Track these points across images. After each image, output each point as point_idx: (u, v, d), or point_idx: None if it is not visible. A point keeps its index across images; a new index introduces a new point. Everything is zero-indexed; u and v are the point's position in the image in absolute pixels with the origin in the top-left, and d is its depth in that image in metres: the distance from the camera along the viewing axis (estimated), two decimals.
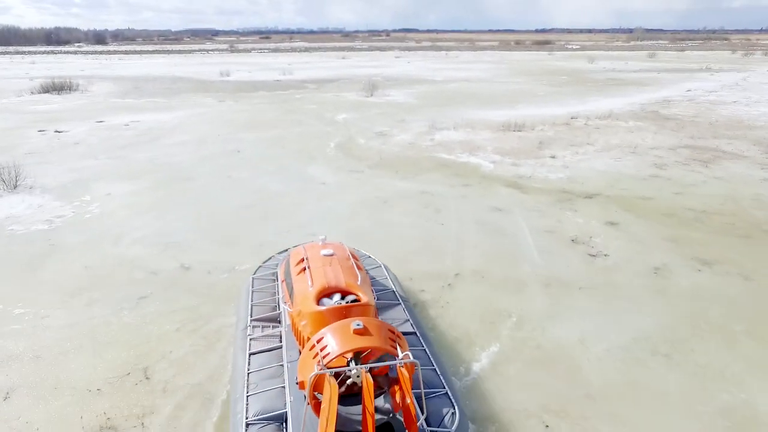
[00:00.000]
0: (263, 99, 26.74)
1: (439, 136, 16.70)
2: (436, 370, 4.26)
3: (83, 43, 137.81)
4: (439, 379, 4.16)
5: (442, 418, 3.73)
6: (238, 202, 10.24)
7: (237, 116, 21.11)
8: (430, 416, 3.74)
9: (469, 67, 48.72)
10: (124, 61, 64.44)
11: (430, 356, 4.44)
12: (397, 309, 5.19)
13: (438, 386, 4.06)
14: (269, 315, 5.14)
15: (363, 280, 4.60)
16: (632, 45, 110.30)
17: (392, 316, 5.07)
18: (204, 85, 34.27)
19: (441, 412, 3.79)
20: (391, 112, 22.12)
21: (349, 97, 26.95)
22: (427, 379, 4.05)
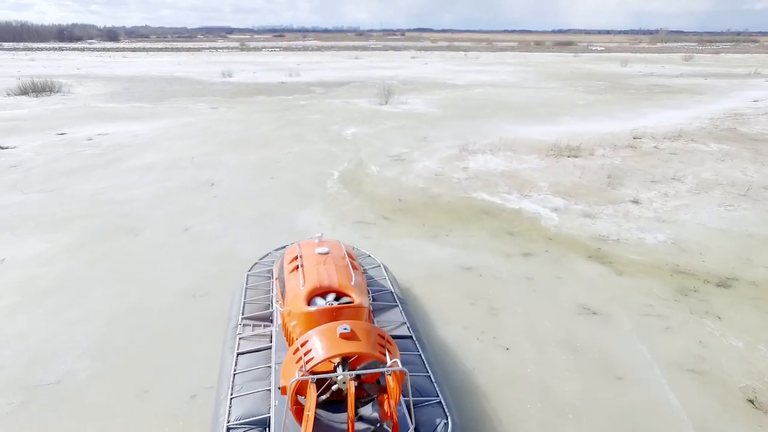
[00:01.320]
0: (262, 106, 23.27)
1: (474, 162, 13.03)
2: (431, 377, 4.02)
3: (96, 40, 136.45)
4: (432, 386, 3.91)
5: (434, 429, 3.48)
6: (184, 284, 6.70)
7: (227, 128, 17.66)
8: (421, 426, 3.49)
9: (492, 70, 44.83)
10: (128, 59, 61.70)
11: (425, 362, 4.19)
12: (394, 311, 4.96)
13: (431, 394, 3.82)
14: (261, 314, 4.89)
15: (357, 281, 4.41)
16: (659, 47, 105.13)
17: (388, 318, 4.84)
18: (201, 87, 30.97)
19: (433, 421, 3.55)
20: (410, 125, 18.48)
21: (360, 105, 23.37)
22: (420, 387, 3.86)
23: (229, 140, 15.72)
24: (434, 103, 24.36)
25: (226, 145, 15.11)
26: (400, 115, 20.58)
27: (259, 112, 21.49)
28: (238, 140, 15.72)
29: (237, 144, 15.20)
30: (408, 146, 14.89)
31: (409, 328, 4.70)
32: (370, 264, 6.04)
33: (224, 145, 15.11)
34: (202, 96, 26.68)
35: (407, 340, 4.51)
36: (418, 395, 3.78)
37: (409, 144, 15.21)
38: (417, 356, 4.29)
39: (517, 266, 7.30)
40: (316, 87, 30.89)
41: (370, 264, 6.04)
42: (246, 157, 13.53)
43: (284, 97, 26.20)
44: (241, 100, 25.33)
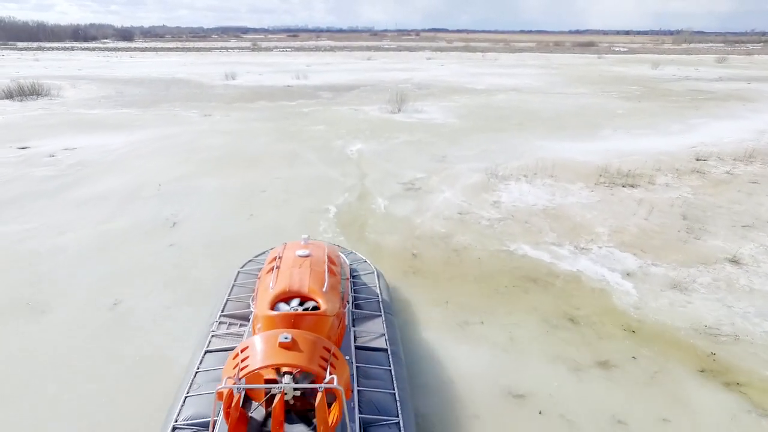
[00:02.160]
0: (260, 114, 20.89)
1: (507, 194, 10.42)
2: (395, 395, 3.79)
3: (110, 40, 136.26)
4: (395, 405, 3.69)
5: None
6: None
7: (214, 142, 15.30)
8: None
9: (513, 72, 41.98)
10: (136, 59, 60.10)
11: (394, 379, 3.99)
12: (376, 321, 4.76)
13: (391, 414, 3.60)
14: (241, 312, 4.74)
15: (331, 287, 4.33)
16: (685, 48, 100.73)
17: (369, 328, 4.64)
18: (199, 91, 28.76)
19: None
20: (426, 139, 15.91)
21: (369, 114, 20.85)
22: (381, 404, 3.65)
23: (213, 158, 13.33)
24: (453, 111, 21.74)
25: (208, 164, 12.72)
26: (414, 127, 18.01)
27: (256, 121, 19.11)
28: (223, 158, 13.32)
29: (220, 163, 12.80)
30: (424, 169, 12.32)
31: (386, 340, 4.48)
32: (364, 270, 5.80)
33: (205, 164, 12.72)
34: (198, 101, 24.41)
35: (382, 352, 4.31)
36: (377, 413, 3.57)
37: (425, 166, 12.64)
38: (386, 371, 4.08)
39: (595, 392, 4.70)
40: (324, 91, 28.46)
41: (364, 270, 5.80)
42: (226, 183, 11.11)
43: (287, 104, 23.80)
44: (238, 106, 22.99)
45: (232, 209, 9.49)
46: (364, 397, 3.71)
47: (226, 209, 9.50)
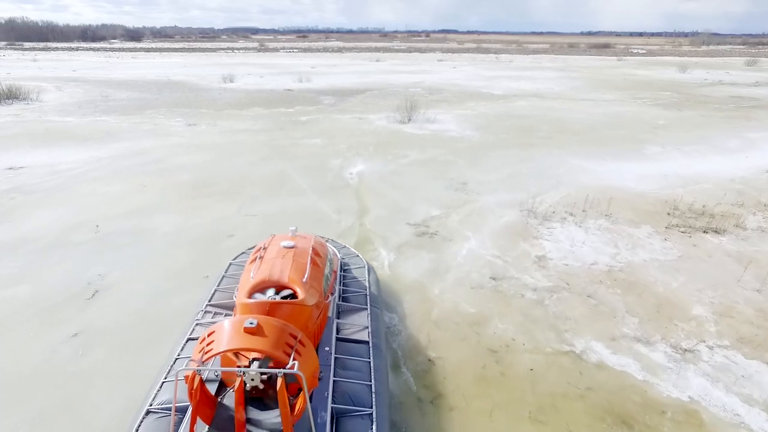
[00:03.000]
0: (252, 123, 18.46)
1: (554, 244, 7.83)
2: (371, 387, 3.82)
3: (118, 40, 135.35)
4: (370, 397, 3.72)
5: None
6: None
7: (190, 161, 12.89)
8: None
9: (531, 76, 39.23)
10: (137, 59, 58.20)
11: (372, 370, 4.03)
12: (361, 314, 4.80)
13: (365, 405, 3.63)
14: (227, 302, 4.79)
15: (312, 278, 4.29)
16: (706, 51, 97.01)
17: (353, 320, 4.69)
18: (192, 95, 26.44)
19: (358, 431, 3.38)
20: (442, 158, 13.36)
21: (375, 123, 18.32)
22: (356, 395, 3.69)
23: (182, 183, 10.89)
24: (470, 120, 19.15)
25: (173, 192, 10.28)
26: (426, 141, 15.46)
27: (245, 132, 16.68)
28: (194, 184, 10.88)
29: (189, 191, 10.35)
30: (440, 202, 9.77)
31: (369, 333, 4.52)
32: (356, 264, 5.89)
33: (170, 192, 10.28)
34: (186, 107, 22.06)
35: (363, 345, 4.35)
36: (351, 404, 3.63)
37: (442, 197, 10.09)
38: (365, 363, 4.11)
39: None
40: (326, 96, 25.98)
41: (356, 264, 5.89)
42: (188, 222, 8.65)
43: (284, 111, 21.34)
44: (230, 113, 20.59)
45: (183, 267, 7.01)
46: (339, 388, 3.73)
47: (176, 267, 7.02)
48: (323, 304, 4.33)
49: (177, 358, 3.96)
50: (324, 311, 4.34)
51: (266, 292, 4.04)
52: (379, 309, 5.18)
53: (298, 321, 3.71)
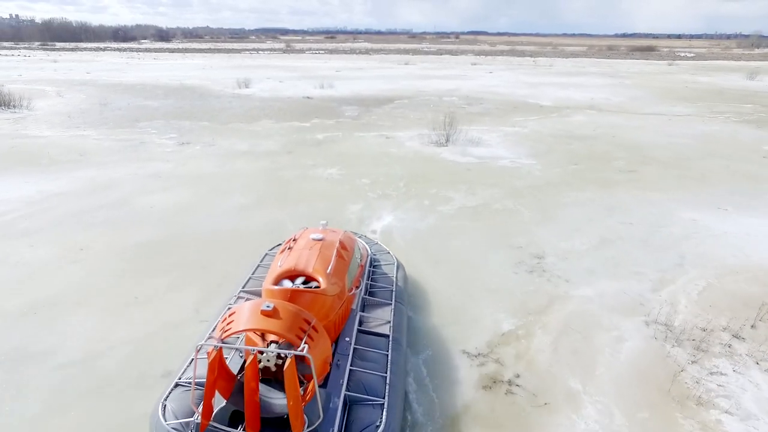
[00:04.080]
0: (256, 142, 15.29)
1: (737, 420, 4.21)
2: (386, 379, 3.97)
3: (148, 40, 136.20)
4: (383, 387, 3.87)
5: (365, 427, 3.45)
6: None
7: (162, 202, 9.77)
8: (354, 423, 3.50)
9: (579, 83, 35.07)
10: (159, 60, 56.40)
11: (389, 363, 4.17)
12: (385, 309, 4.95)
13: (379, 395, 3.79)
14: (259, 290, 4.93)
15: (336, 270, 4.47)
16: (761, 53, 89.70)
17: (377, 314, 4.83)
18: (200, 102, 23.56)
19: (369, 420, 3.52)
20: (498, 204, 9.82)
21: (406, 145, 14.89)
22: (370, 386, 3.85)
23: (134, 246, 7.71)
24: (523, 142, 15.51)
25: (113, 265, 7.09)
26: (473, 173, 11.94)
27: (246, 156, 13.51)
28: (150, 248, 7.69)
29: (138, 263, 7.15)
30: (510, 298, 6.26)
31: (390, 327, 4.63)
32: (386, 261, 6.01)
33: (109, 264, 7.10)
34: (188, 118, 19.12)
35: (383, 338, 4.48)
36: (364, 393, 3.76)
37: (511, 286, 6.56)
38: (383, 356, 4.23)
39: None
40: (349, 106, 22.68)
41: (386, 261, 6.01)
42: (109, 336, 5.43)
43: (298, 125, 18.13)
44: (234, 128, 17.50)
45: None
46: (354, 377, 3.89)
47: None
48: (346, 296, 4.50)
49: (209, 337, 4.06)
50: (347, 303, 4.52)
51: (295, 280, 4.24)
52: (404, 305, 5.27)
53: (318, 309, 3.90)
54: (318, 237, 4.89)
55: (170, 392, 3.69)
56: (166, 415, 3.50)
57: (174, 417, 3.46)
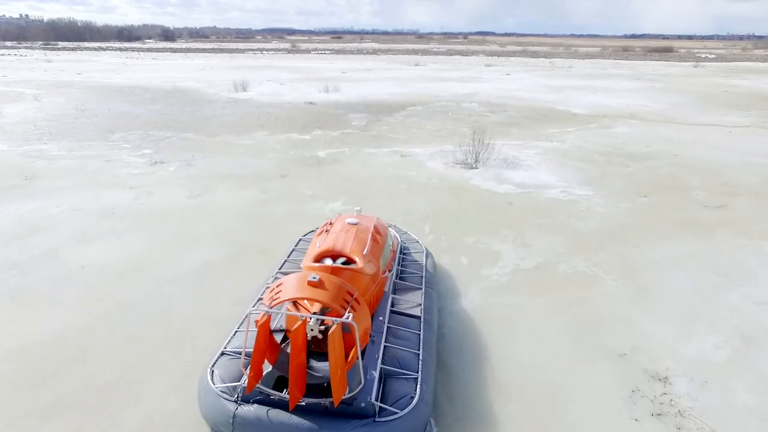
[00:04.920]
0: (244, 161, 12.65)
1: None
2: (419, 356, 4.16)
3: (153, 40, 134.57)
4: (416, 363, 4.06)
5: (399, 399, 3.65)
6: None
7: (93, 262, 7.14)
8: (389, 395, 3.69)
9: (605, 86, 32.17)
10: (157, 61, 54.05)
11: (421, 342, 4.36)
12: (416, 293, 5.17)
13: (412, 370, 3.98)
14: (295, 271, 5.18)
15: (371, 252, 4.68)
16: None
17: (408, 297, 5.07)
18: (189, 109, 20.98)
19: (403, 392, 3.72)
20: (564, 265, 7.07)
21: (426, 167, 12.17)
22: (404, 361, 4.04)
23: (24, 350, 5.05)
24: (567, 162, 12.75)
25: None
26: (517, 210, 9.21)
27: (228, 181, 10.85)
28: (47, 360, 5.03)
29: (15, 395, 4.48)
30: None
31: (421, 309, 4.84)
32: (415, 249, 6.26)
33: None
34: (170, 129, 16.52)
35: (415, 319, 4.69)
36: (399, 367, 3.96)
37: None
38: (415, 335, 4.43)
39: None
40: (356, 113, 20.00)
41: (415, 249, 6.26)
42: None
43: (296, 138, 15.47)
44: (222, 141, 14.88)
45: None
46: (389, 352, 4.10)
47: None
48: (380, 278, 4.73)
49: (250, 312, 3.98)
50: (381, 285, 4.75)
51: (336, 260, 4.45)
52: (434, 290, 5.49)
53: (356, 286, 3.96)
54: (353, 221, 5.15)
55: (216, 360, 3.95)
56: (214, 379, 3.75)
57: (221, 381, 3.73)
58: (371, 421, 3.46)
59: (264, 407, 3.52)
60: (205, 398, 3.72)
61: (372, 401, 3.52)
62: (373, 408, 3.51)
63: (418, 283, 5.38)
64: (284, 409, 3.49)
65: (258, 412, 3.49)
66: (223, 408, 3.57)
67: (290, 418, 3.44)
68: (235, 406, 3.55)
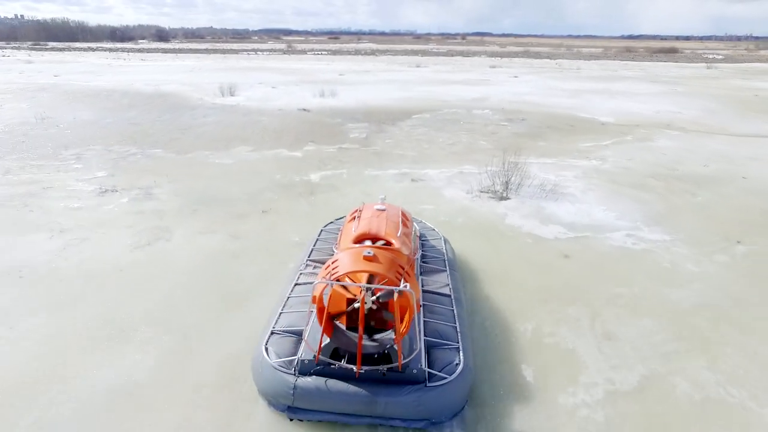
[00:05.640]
0: (217, 190, 10.14)
1: None
2: (456, 328, 4.46)
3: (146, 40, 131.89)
4: (456, 335, 4.35)
5: (446, 365, 3.94)
6: None
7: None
8: (436, 363, 3.98)
9: (623, 90, 29.77)
10: (146, 62, 51.45)
11: (455, 316, 4.65)
12: (442, 275, 5.44)
13: (453, 340, 4.27)
14: (322, 258, 5.63)
15: (404, 234, 4.96)
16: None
17: (436, 279, 5.32)
18: (166, 117, 18.48)
19: (448, 360, 4.00)
20: (675, 377, 4.59)
21: (445, 198, 9.66)
22: (444, 333, 4.33)
23: None
24: (619, 189, 10.29)
25: None
26: (577, 269, 6.74)
27: (192, 220, 8.35)
28: None
29: None
30: None
31: (450, 289, 5.15)
32: (433, 236, 6.59)
33: None
34: (137, 143, 14.01)
35: (446, 297, 4.99)
36: (441, 339, 4.27)
37: None
38: (450, 310, 4.75)
39: None
40: (356, 123, 17.52)
41: (433, 236, 6.59)
42: None
43: (285, 154, 12.98)
44: (196, 158, 12.38)
45: None
46: (429, 327, 4.38)
47: None
48: (411, 260, 4.68)
49: (289, 296, 4.76)
50: (412, 266, 4.62)
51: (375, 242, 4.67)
52: (456, 271, 5.80)
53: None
54: (381, 208, 5.49)
55: (268, 338, 4.20)
56: (270, 355, 4.00)
57: (277, 357, 3.98)
58: (423, 386, 3.76)
59: (322, 378, 3.78)
60: (262, 373, 3.94)
61: (422, 368, 3.83)
62: (423, 374, 3.81)
63: (441, 266, 5.65)
64: (340, 378, 3.77)
65: (316, 382, 3.75)
66: (283, 380, 3.79)
67: (348, 387, 3.71)
68: (294, 378, 3.77)
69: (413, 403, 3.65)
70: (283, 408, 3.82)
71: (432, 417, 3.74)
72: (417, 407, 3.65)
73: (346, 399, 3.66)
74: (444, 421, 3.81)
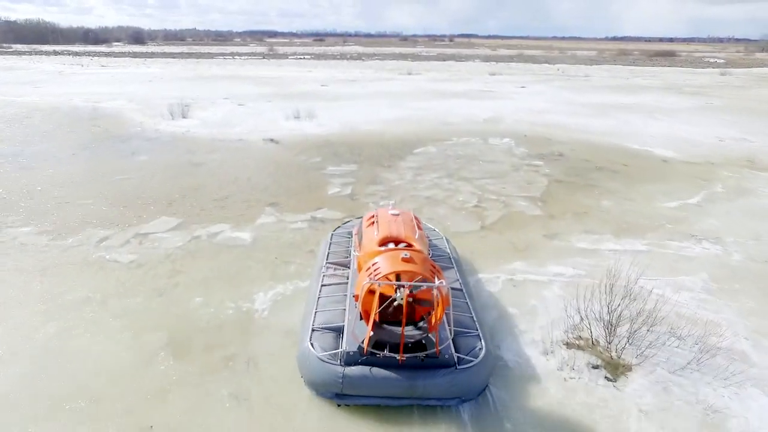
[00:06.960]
0: (76, 352, 5.25)
1: None
2: (473, 317, 4.98)
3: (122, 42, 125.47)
4: (474, 324, 4.88)
5: (471, 351, 4.49)
6: None
7: None
8: (461, 349, 4.50)
9: (655, 106, 25.41)
10: (106, 68, 46.02)
11: (470, 307, 5.18)
12: (450, 271, 5.91)
13: (472, 329, 4.79)
14: (341, 261, 6.14)
15: (420, 236, 5.45)
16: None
17: (446, 275, 5.20)
18: (84, 155, 13.51)
19: (471, 346, 4.55)
20: None
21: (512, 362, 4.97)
22: (463, 323, 4.83)
23: None
24: None
25: None
26: None
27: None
28: None
29: None
30: None
31: (460, 283, 5.66)
32: (434, 236, 7.03)
33: None
34: (14, 213, 9.07)
35: (458, 291, 5.46)
36: (461, 327, 4.75)
37: None
38: (464, 302, 5.27)
39: None
40: (339, 165, 12.74)
41: (434, 236, 7.03)
42: None
43: (224, 236, 8.09)
44: (74, 255, 7.46)
45: None
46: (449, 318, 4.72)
47: None
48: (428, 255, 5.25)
49: (319, 297, 5.18)
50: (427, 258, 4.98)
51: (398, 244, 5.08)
52: (462, 268, 6.27)
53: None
54: (396, 212, 5.88)
55: (311, 335, 4.62)
56: (316, 350, 4.42)
57: (322, 350, 4.42)
58: (454, 369, 4.32)
59: (366, 367, 4.28)
60: (310, 366, 4.39)
61: (452, 353, 4.38)
62: (453, 359, 4.35)
63: (448, 263, 6.15)
64: (383, 367, 4.27)
65: (362, 371, 4.26)
66: (331, 371, 4.27)
67: (390, 373, 4.23)
68: (342, 369, 4.26)
69: (447, 384, 4.24)
70: (331, 395, 4.33)
71: (462, 395, 4.34)
72: (450, 387, 4.25)
73: (389, 384, 4.22)
74: (472, 398, 4.40)
